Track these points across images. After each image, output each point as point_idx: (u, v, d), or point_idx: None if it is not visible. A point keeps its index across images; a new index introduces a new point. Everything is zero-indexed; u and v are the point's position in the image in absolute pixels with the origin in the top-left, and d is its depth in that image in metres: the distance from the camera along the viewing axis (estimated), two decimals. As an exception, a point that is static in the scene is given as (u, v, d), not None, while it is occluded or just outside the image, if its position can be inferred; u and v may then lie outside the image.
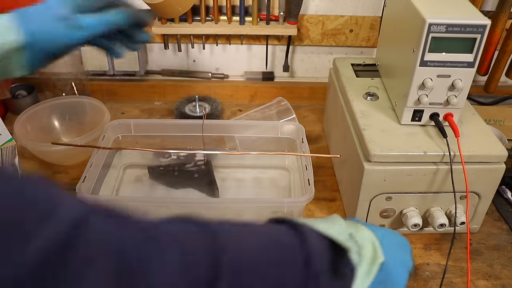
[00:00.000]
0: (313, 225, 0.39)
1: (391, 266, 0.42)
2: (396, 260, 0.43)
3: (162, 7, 0.87)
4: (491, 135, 0.69)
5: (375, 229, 0.44)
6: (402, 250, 0.45)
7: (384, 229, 0.46)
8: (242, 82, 1.09)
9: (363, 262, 0.39)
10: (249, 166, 0.86)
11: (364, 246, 0.40)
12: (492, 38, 0.88)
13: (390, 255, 0.42)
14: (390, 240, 0.44)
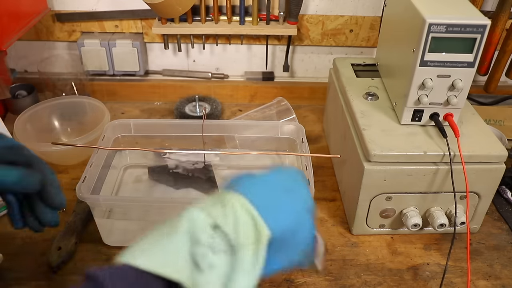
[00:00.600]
0: (130, 261, 0.32)
1: (284, 227, 0.37)
2: (287, 215, 0.38)
3: (162, 7, 0.87)
4: (491, 135, 0.69)
5: (249, 186, 0.38)
6: (291, 196, 0.39)
7: (261, 176, 0.40)
8: (242, 82, 1.09)
9: (242, 255, 0.34)
10: (249, 166, 0.85)
11: (238, 232, 0.34)
12: (492, 38, 0.88)
13: (277, 215, 0.37)
14: (271, 193, 0.38)
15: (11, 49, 1.04)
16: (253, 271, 0.34)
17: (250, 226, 0.35)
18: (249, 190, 0.38)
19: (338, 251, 0.71)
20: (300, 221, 0.39)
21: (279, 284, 0.65)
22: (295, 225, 0.39)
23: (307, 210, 0.40)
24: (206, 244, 0.33)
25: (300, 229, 0.39)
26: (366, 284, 0.66)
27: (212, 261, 0.33)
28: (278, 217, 0.37)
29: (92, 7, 1.01)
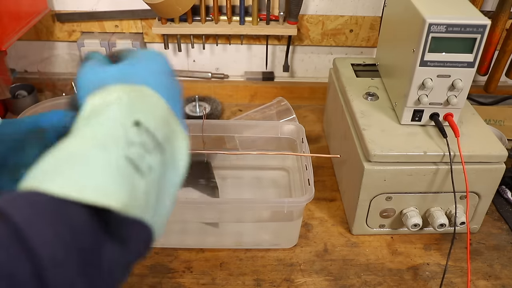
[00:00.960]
0: (39, 187, 0.24)
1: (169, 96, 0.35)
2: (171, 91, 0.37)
3: (162, 7, 0.87)
4: (491, 135, 0.69)
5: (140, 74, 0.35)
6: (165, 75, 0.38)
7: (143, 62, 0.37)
8: (242, 82, 1.09)
9: (168, 142, 0.31)
10: (249, 166, 0.85)
11: (157, 126, 0.31)
12: (492, 38, 0.88)
13: (166, 92, 0.35)
14: (161, 76, 0.37)
15: (11, 49, 1.04)
16: (184, 156, 0.33)
17: (164, 115, 0.33)
18: (148, 80, 0.35)
19: (338, 251, 0.71)
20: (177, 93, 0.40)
21: (279, 284, 0.65)
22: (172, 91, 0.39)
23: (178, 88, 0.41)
24: (136, 142, 0.29)
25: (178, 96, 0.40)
26: (366, 284, 0.66)
27: (150, 162, 0.29)
28: (165, 90, 0.36)
29: (92, 7, 1.01)
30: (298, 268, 0.68)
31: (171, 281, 0.65)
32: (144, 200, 0.28)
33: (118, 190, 0.26)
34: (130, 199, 0.27)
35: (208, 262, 0.68)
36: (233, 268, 0.68)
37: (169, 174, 0.32)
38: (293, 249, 0.71)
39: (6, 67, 0.89)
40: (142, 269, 0.67)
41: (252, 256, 0.69)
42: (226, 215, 0.70)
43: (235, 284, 0.65)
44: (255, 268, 0.68)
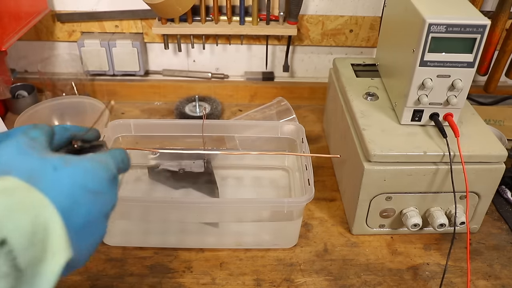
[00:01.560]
0: None
1: (86, 241, 0.33)
2: (88, 230, 0.34)
3: (162, 7, 0.87)
4: (491, 135, 0.69)
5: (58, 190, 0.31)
6: (96, 208, 0.35)
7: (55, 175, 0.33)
8: (242, 82, 1.09)
9: (35, 265, 0.28)
10: (249, 166, 0.86)
11: (31, 246, 0.28)
12: (492, 38, 0.88)
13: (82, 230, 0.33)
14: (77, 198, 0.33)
15: (11, 49, 1.04)
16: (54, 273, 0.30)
17: (39, 240, 0.29)
18: (51, 189, 0.32)
19: (338, 251, 0.71)
20: (99, 228, 0.37)
21: (279, 284, 0.66)
22: (96, 235, 0.37)
23: (107, 216, 0.38)
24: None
25: (99, 236, 0.37)
26: (366, 284, 0.66)
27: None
28: (78, 225, 0.33)
29: (92, 7, 1.01)
30: (298, 268, 0.68)
31: (171, 281, 0.65)
32: None
33: None
34: None
35: (208, 262, 0.68)
36: (233, 268, 0.68)
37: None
38: (293, 249, 0.71)
39: (6, 67, 0.89)
40: (142, 269, 0.67)
41: (252, 256, 0.70)
42: (226, 215, 0.70)
43: (235, 284, 0.65)
44: (255, 268, 0.68)
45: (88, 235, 0.35)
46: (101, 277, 0.65)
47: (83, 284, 0.64)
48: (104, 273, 0.66)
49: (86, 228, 0.34)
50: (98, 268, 0.67)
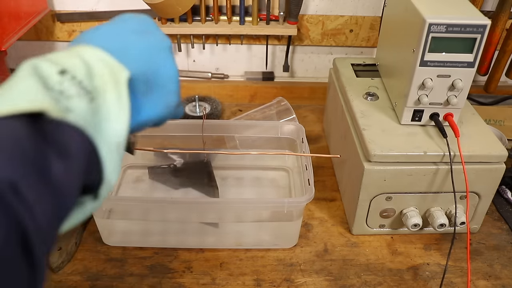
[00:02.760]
0: None
1: (141, 65, 0.36)
2: (142, 53, 0.37)
3: (162, 7, 0.87)
4: (491, 135, 0.69)
5: (96, 36, 0.36)
6: (143, 36, 0.38)
7: (106, 25, 0.38)
8: (242, 82, 1.09)
9: (103, 100, 0.31)
10: (249, 166, 0.85)
11: (92, 76, 0.32)
12: (492, 38, 0.88)
13: (131, 55, 0.35)
14: (121, 36, 0.37)
15: (11, 49, 1.04)
16: (120, 113, 0.33)
17: (104, 69, 0.33)
18: (96, 38, 0.36)
19: (338, 251, 0.71)
20: (158, 58, 0.39)
21: (279, 284, 0.65)
22: (153, 63, 0.38)
23: (164, 48, 0.40)
24: (55, 88, 0.30)
25: (161, 66, 0.39)
26: (366, 284, 0.66)
27: (68, 105, 0.30)
28: (133, 56, 0.36)
29: (92, 7, 1.01)
30: (298, 268, 0.68)
31: (171, 281, 0.65)
32: (79, 113, 0.30)
33: (48, 100, 0.28)
34: (60, 106, 0.29)
35: (208, 262, 0.68)
36: (233, 268, 0.68)
37: (105, 121, 0.32)
38: (293, 249, 0.71)
39: (6, 67, 0.89)
40: (142, 269, 0.67)
41: (252, 256, 0.69)
42: (226, 215, 0.70)
43: (235, 284, 0.65)
44: (255, 268, 0.68)
45: (152, 75, 0.37)
46: (101, 277, 0.65)
47: (83, 284, 0.64)
48: (104, 273, 0.66)
49: (144, 61, 0.37)
50: (98, 268, 0.67)
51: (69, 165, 0.28)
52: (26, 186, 0.25)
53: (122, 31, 0.38)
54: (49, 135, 0.28)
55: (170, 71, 0.39)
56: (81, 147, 0.30)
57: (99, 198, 0.33)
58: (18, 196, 0.25)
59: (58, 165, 0.28)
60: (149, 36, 0.39)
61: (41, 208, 0.26)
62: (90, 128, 0.31)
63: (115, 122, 0.32)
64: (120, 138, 0.33)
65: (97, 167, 0.32)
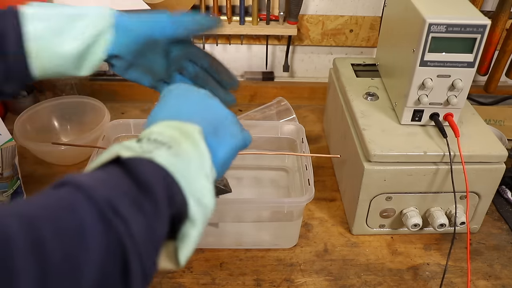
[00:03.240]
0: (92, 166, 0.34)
1: (204, 117, 0.42)
2: (195, 107, 0.43)
3: (162, 7, 0.87)
4: (491, 135, 0.69)
5: (154, 114, 0.42)
6: (188, 95, 0.45)
7: (158, 104, 0.44)
8: (242, 82, 1.09)
9: (177, 143, 0.36)
10: (249, 166, 0.85)
11: (164, 132, 0.37)
12: (492, 38, 0.88)
13: (192, 114, 0.42)
14: (173, 103, 0.43)
15: (11, 49, 1.04)
16: (201, 157, 0.37)
17: (172, 129, 0.38)
18: (153, 119, 0.42)
19: (338, 251, 0.71)
20: (210, 106, 0.46)
21: (279, 284, 0.65)
22: (209, 110, 0.45)
23: (209, 96, 0.47)
24: (137, 150, 0.35)
25: (216, 110, 0.46)
26: (366, 284, 0.66)
27: (151, 155, 0.35)
28: (189, 113, 0.42)
29: (92, 7, 1.00)
30: (298, 268, 0.68)
31: (171, 281, 0.65)
32: (161, 154, 0.35)
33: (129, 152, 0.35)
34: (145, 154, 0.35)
35: (208, 262, 0.68)
36: (233, 268, 0.68)
37: (189, 168, 0.36)
38: (293, 249, 0.71)
39: (6, 67, 0.88)
40: (142, 269, 0.67)
41: (252, 256, 0.70)
42: (226, 215, 0.70)
43: (235, 284, 0.65)
44: (255, 268, 0.68)
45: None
46: (101, 277, 0.65)
47: (83, 284, 0.64)
48: (104, 273, 0.66)
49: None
50: (98, 268, 0.67)
51: (153, 198, 0.32)
52: (123, 206, 0.29)
53: (167, 103, 0.44)
54: (134, 174, 0.32)
55: (221, 110, 0.47)
56: (161, 183, 0.33)
57: (195, 223, 0.36)
58: (117, 213, 0.29)
59: (143, 197, 0.32)
60: (191, 93, 0.46)
61: (137, 227, 0.30)
62: (177, 174, 0.35)
63: (198, 168, 0.37)
64: (208, 173, 0.38)
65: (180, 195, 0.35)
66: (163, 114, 0.41)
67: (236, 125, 0.46)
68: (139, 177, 0.32)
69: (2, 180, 0.71)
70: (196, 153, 0.37)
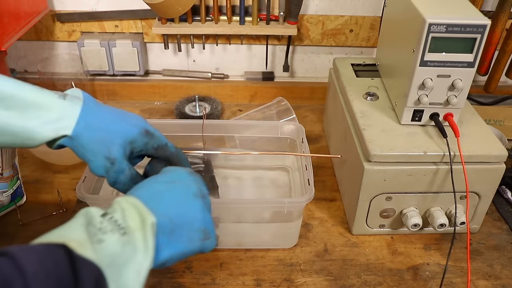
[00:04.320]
0: (38, 241, 0.36)
1: (169, 212, 0.43)
2: (170, 201, 0.44)
3: (162, 7, 0.87)
4: (491, 135, 0.69)
5: (135, 189, 0.45)
6: (173, 186, 0.46)
7: (147, 180, 0.47)
8: (242, 82, 1.09)
9: (133, 237, 0.38)
10: (249, 166, 0.85)
11: (125, 217, 0.39)
12: (492, 38, 0.88)
13: (159, 202, 0.43)
14: (154, 187, 0.45)
15: (11, 49, 1.04)
16: (145, 253, 0.38)
17: (135, 212, 0.40)
18: (134, 190, 0.45)
19: (338, 251, 0.71)
20: (186, 204, 0.45)
21: (279, 284, 0.65)
22: (181, 208, 0.44)
23: (194, 195, 0.46)
24: (96, 226, 0.38)
25: (188, 211, 0.45)
26: (366, 284, 0.66)
27: (102, 238, 0.37)
28: (161, 203, 0.43)
29: (92, 7, 1.01)
30: (298, 268, 0.68)
31: (171, 281, 0.65)
32: (109, 245, 0.37)
33: (82, 236, 0.37)
34: (94, 239, 0.37)
35: (208, 262, 0.68)
36: (233, 268, 0.68)
37: (131, 256, 0.38)
38: (293, 249, 0.71)
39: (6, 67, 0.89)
40: (142, 269, 0.67)
41: (252, 256, 0.69)
42: (226, 215, 0.70)
43: (235, 284, 0.65)
44: (255, 268, 0.68)
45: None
46: (101, 277, 0.65)
47: (83, 284, 0.64)
48: (104, 273, 0.66)
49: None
50: (98, 268, 0.67)
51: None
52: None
53: (156, 183, 0.47)
54: (73, 265, 0.34)
55: (198, 214, 0.46)
56: (93, 280, 0.35)
57: None
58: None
59: None
60: (177, 184, 0.47)
61: None
62: (109, 268, 0.36)
63: (139, 259, 0.38)
64: (142, 270, 0.38)
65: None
66: (143, 192, 0.45)
67: (200, 233, 0.45)
68: (76, 274, 0.34)
69: (2, 180, 0.71)
70: (143, 246, 0.38)
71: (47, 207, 0.76)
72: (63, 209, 0.75)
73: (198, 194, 0.47)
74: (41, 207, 0.76)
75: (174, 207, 0.44)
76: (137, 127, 0.53)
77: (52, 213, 0.75)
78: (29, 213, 0.75)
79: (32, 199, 0.78)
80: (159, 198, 0.44)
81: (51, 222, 0.74)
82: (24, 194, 0.77)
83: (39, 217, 0.74)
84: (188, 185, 0.47)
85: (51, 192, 0.79)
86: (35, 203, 0.77)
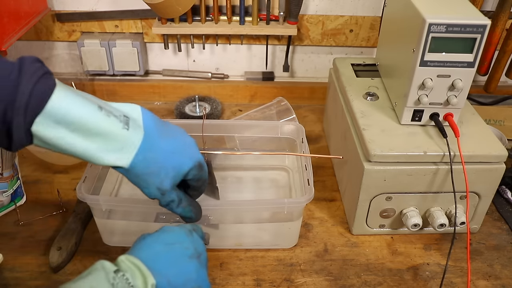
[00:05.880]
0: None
1: (167, 274, 0.47)
2: (168, 264, 0.48)
3: (162, 7, 0.87)
4: (491, 135, 0.69)
5: (137, 248, 0.48)
6: (171, 248, 0.50)
7: (148, 238, 0.50)
8: (242, 82, 1.09)
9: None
10: (249, 166, 0.85)
11: (134, 277, 0.44)
12: (492, 38, 0.88)
13: (159, 265, 0.47)
14: (155, 249, 0.49)
15: (11, 49, 1.04)
16: None
17: (139, 273, 0.45)
18: (136, 250, 0.49)
19: (338, 251, 0.71)
20: (182, 266, 0.49)
21: (279, 284, 0.65)
22: (178, 270, 0.48)
23: (190, 257, 0.50)
24: (110, 281, 0.42)
25: (184, 273, 0.49)
26: (366, 284, 0.66)
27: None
28: (160, 264, 0.47)
29: (92, 7, 1.01)
30: (298, 268, 0.68)
31: (171, 281, 0.65)
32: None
33: None
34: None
35: (208, 262, 0.68)
36: (233, 268, 0.68)
37: None
38: (293, 249, 0.71)
39: (6, 67, 0.88)
40: (142, 269, 0.67)
41: (252, 256, 0.69)
42: (226, 216, 0.70)
43: (235, 284, 0.65)
44: (255, 268, 0.68)
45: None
46: (101, 277, 0.65)
47: (83, 284, 0.64)
48: (104, 273, 0.66)
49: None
50: (98, 268, 0.67)
51: None
52: None
53: (157, 244, 0.50)
54: None
55: (194, 275, 0.49)
56: None
57: None
58: None
59: None
60: (175, 246, 0.50)
61: None
62: None
63: None
64: None
65: None
66: (144, 253, 0.48)
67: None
68: None
69: (2, 180, 0.71)
70: None
71: (47, 207, 0.76)
72: (63, 209, 0.75)
73: (194, 256, 0.50)
74: (41, 207, 0.76)
75: (171, 269, 0.48)
76: (192, 160, 0.54)
77: (52, 213, 0.75)
78: (29, 213, 0.75)
79: (32, 199, 0.78)
80: (158, 259, 0.48)
81: (51, 222, 0.74)
82: (24, 194, 0.77)
83: (39, 217, 0.74)
84: (185, 247, 0.51)
85: (51, 192, 0.79)
86: (35, 203, 0.78)
